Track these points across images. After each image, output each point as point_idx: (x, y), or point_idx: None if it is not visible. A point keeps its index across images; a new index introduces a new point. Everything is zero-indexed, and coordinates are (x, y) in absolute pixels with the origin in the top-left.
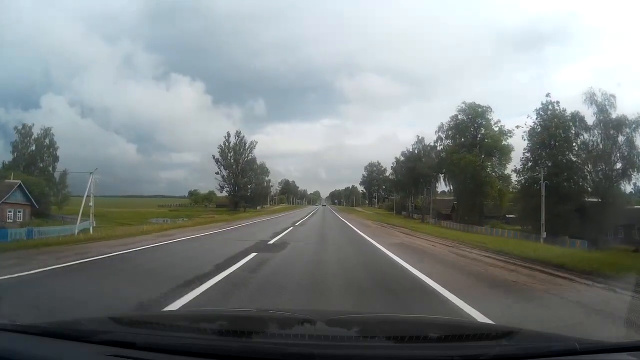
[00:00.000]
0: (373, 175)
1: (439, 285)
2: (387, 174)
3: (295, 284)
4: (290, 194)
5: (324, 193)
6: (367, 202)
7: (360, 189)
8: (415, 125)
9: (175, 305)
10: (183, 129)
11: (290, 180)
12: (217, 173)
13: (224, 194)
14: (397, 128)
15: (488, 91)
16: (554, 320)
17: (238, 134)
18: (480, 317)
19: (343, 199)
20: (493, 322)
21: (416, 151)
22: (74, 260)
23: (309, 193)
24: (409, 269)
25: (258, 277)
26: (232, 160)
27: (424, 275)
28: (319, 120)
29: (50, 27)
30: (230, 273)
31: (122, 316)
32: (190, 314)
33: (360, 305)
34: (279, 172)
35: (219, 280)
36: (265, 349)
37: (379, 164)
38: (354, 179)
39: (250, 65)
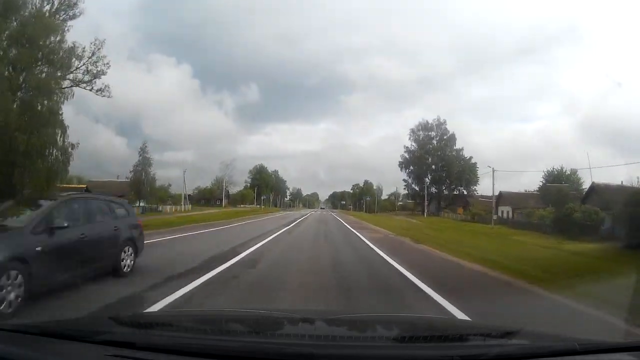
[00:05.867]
0: (429, 147)
1: None
2: (457, 147)
3: None
4: (270, 190)
5: (323, 195)
6: (415, 201)
7: (399, 180)
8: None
9: None
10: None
11: (272, 169)
12: None
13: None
14: (400, 129)
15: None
16: None
17: None
18: None
19: (348, 201)
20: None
21: None
22: None
23: (304, 194)
24: None
25: None
26: None
27: None
28: (319, 121)
29: None
30: None
31: (122, 316)
32: (190, 314)
33: None
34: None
35: None
36: (265, 349)
37: (443, 121)
38: (356, 180)
39: (244, 60)
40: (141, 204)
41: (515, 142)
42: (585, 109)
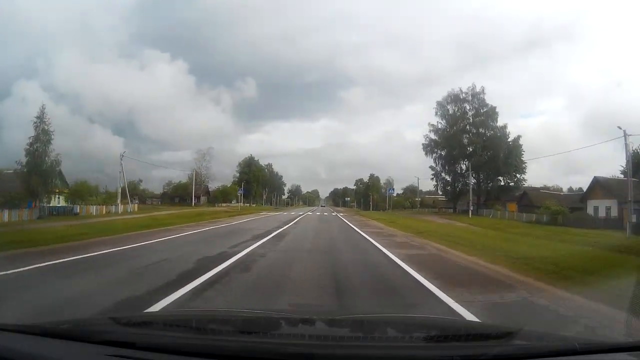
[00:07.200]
0: (463, 125)
1: None
2: (499, 124)
3: None
4: (261, 186)
5: (324, 193)
6: (446, 197)
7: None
8: (419, 125)
9: None
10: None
11: (265, 162)
12: None
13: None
14: (401, 126)
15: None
16: None
17: None
18: None
19: (351, 197)
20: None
21: None
22: None
23: (304, 192)
24: None
25: None
26: None
27: None
28: (319, 118)
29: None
30: None
31: (122, 316)
32: (191, 313)
33: None
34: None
35: None
36: (265, 348)
37: (480, 90)
38: (357, 176)
39: (241, 56)
40: (42, 204)
41: (523, 138)
42: None
